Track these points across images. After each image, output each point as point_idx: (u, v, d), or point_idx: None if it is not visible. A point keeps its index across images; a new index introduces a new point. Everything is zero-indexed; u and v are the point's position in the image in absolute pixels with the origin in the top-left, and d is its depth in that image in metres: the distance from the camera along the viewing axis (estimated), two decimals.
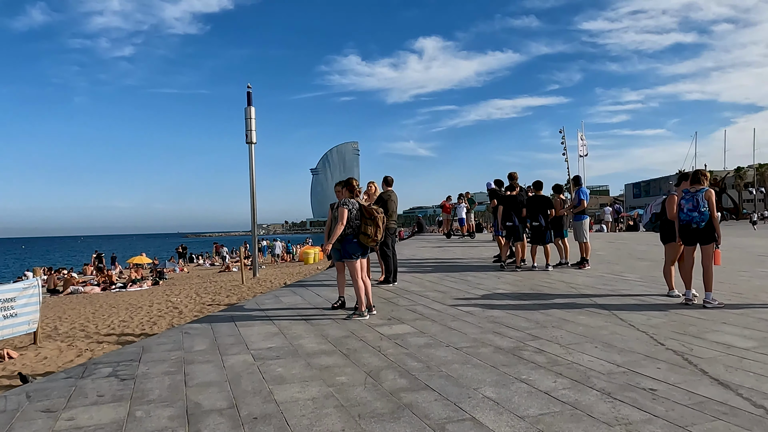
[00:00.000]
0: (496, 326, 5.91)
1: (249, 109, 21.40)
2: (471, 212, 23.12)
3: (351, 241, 6.51)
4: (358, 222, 6.53)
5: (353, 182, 6.75)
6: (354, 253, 6.52)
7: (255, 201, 21.93)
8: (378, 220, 6.45)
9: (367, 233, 6.45)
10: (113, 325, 11.17)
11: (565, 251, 11.34)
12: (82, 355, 8.46)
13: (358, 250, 6.54)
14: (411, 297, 8.00)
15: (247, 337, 5.68)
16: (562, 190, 11.55)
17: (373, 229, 6.44)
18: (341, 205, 6.56)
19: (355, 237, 6.51)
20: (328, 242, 6.68)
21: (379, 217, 6.47)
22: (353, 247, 6.51)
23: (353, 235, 6.51)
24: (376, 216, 6.45)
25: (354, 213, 6.53)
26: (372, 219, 6.45)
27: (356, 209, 6.57)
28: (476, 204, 24.64)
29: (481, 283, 9.24)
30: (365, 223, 6.48)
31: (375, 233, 6.45)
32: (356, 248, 6.53)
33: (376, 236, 6.46)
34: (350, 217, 6.51)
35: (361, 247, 6.54)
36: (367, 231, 6.45)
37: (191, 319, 11.33)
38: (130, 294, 18.83)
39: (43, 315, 13.65)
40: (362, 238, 6.47)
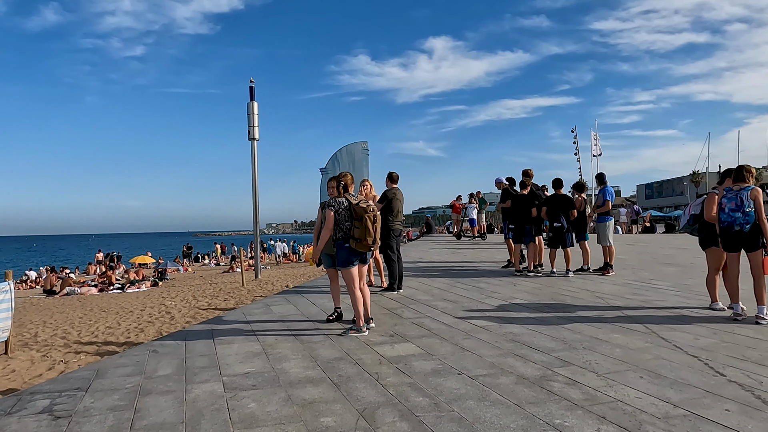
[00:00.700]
0: (517, 346, 5.02)
1: (252, 105, 20.55)
2: (482, 212, 22.20)
3: (343, 247, 5.63)
4: (349, 224, 5.65)
5: (344, 177, 5.86)
6: (349, 260, 5.65)
7: (257, 200, 21.10)
8: (366, 220, 5.53)
9: (356, 236, 5.53)
10: (97, 332, 10.38)
11: (587, 255, 10.41)
12: (53, 369, 7.65)
13: (353, 255, 5.66)
14: (417, 307, 7.12)
15: (222, 358, 4.83)
16: (584, 188, 10.61)
17: (361, 232, 5.52)
18: (327, 206, 5.70)
19: (347, 241, 5.63)
20: (316, 249, 5.83)
21: (368, 217, 5.55)
22: (347, 252, 5.63)
23: (344, 240, 5.64)
24: (364, 216, 5.54)
25: (343, 214, 5.66)
26: (360, 220, 5.55)
27: (345, 209, 5.69)
28: (487, 204, 23.72)
29: (495, 291, 8.34)
30: (354, 226, 5.57)
31: (364, 236, 5.52)
32: (350, 254, 5.65)
33: (366, 240, 5.54)
34: (339, 220, 5.64)
35: (355, 252, 5.67)
36: (355, 234, 5.53)
37: (182, 326, 10.53)
38: (126, 296, 18.09)
39: (27, 319, 12.93)
40: (352, 242, 5.58)
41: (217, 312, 12.10)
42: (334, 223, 5.60)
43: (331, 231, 5.62)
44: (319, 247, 5.80)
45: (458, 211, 23.26)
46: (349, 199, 5.68)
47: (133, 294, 18.72)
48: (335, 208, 5.64)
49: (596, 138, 53.08)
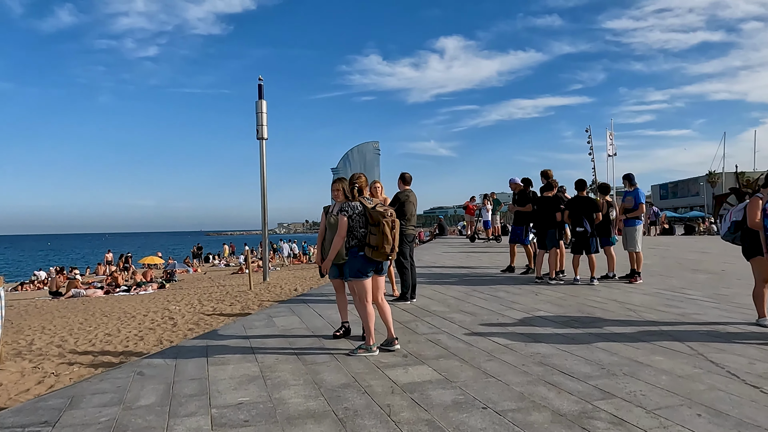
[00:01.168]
0: (547, 371, 4.42)
1: (260, 103, 20.08)
2: (497, 214, 21.55)
3: (357, 256, 5.06)
4: (364, 230, 5.09)
5: (357, 179, 5.30)
6: (363, 270, 5.07)
7: (266, 200, 20.62)
8: (384, 226, 4.95)
9: (372, 244, 4.96)
10: (95, 339, 9.91)
11: (612, 262, 9.76)
12: (42, 382, 7.17)
13: (368, 265, 5.07)
14: (432, 320, 6.53)
15: (214, 383, 4.28)
16: (609, 190, 9.96)
17: (377, 239, 4.95)
18: (339, 211, 5.13)
19: (361, 249, 5.06)
20: (327, 260, 5.27)
21: (386, 222, 4.97)
22: (360, 262, 5.05)
23: (359, 248, 5.07)
24: (382, 221, 4.98)
25: (357, 219, 5.10)
26: (377, 225, 4.98)
27: (359, 214, 5.12)
28: (502, 205, 23.06)
29: (516, 301, 7.73)
30: (370, 232, 5.00)
31: (382, 243, 4.95)
32: (365, 264, 5.06)
33: (383, 247, 4.96)
34: (353, 226, 5.08)
35: (371, 261, 5.08)
36: (371, 241, 4.96)
37: (184, 333, 10.03)
38: (131, 299, 17.68)
39: (27, 324, 12.51)
40: (367, 251, 5.00)
41: (221, 318, 11.61)
42: (348, 229, 5.04)
43: (343, 238, 5.06)
44: (330, 257, 5.24)
45: (472, 213, 22.63)
46: (364, 203, 5.11)
47: (139, 297, 18.31)
48: (349, 213, 5.07)
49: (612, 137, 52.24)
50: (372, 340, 5.06)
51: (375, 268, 5.13)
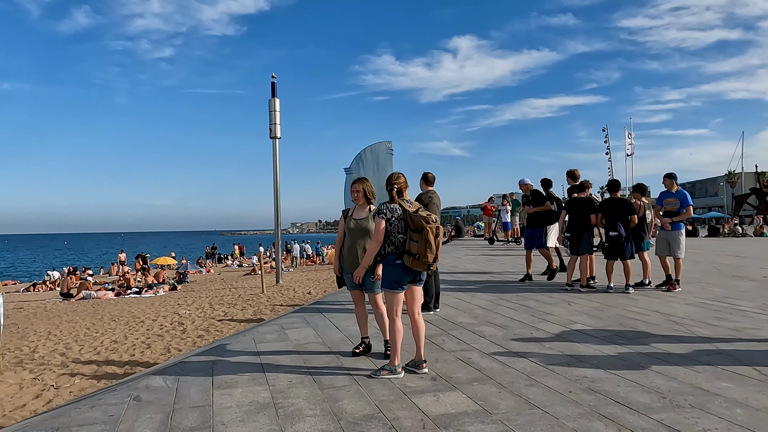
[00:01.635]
0: (600, 401, 3.83)
1: (273, 101, 19.65)
2: (516, 215, 20.88)
3: (393, 264, 4.49)
4: (403, 236, 4.53)
5: (397, 180, 4.72)
6: (400, 281, 4.50)
7: (279, 200, 20.19)
8: (427, 233, 4.37)
9: (412, 252, 4.39)
10: (101, 347, 9.48)
11: (647, 268, 9.11)
12: (41, 396, 6.73)
13: (405, 275, 4.50)
14: (460, 335, 5.96)
15: (218, 413, 3.75)
16: (645, 191, 9.29)
17: (420, 247, 4.36)
18: (377, 214, 4.57)
19: (399, 257, 4.50)
20: (360, 267, 4.70)
21: (430, 229, 4.39)
22: (398, 271, 4.48)
23: (396, 255, 4.51)
24: (425, 227, 4.41)
25: (396, 224, 4.54)
26: (419, 232, 4.41)
27: (398, 217, 4.57)
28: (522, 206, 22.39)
29: (548, 312, 7.13)
30: (411, 238, 4.43)
31: (424, 251, 4.37)
32: (403, 273, 4.49)
33: (426, 256, 4.38)
34: (391, 231, 4.52)
35: (408, 271, 4.51)
36: (412, 249, 4.39)
37: (193, 341, 9.57)
38: (141, 301, 17.30)
39: (33, 329, 12.14)
40: (406, 259, 4.42)
41: (232, 324, 11.14)
42: (384, 234, 4.49)
43: (380, 244, 4.49)
44: (364, 264, 4.67)
45: (490, 214, 21.98)
46: (404, 207, 4.56)
47: (149, 299, 17.94)
48: (387, 216, 4.50)
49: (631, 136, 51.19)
50: (398, 359, 4.51)
51: (412, 278, 4.58)
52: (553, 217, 10.23)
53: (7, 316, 15.28)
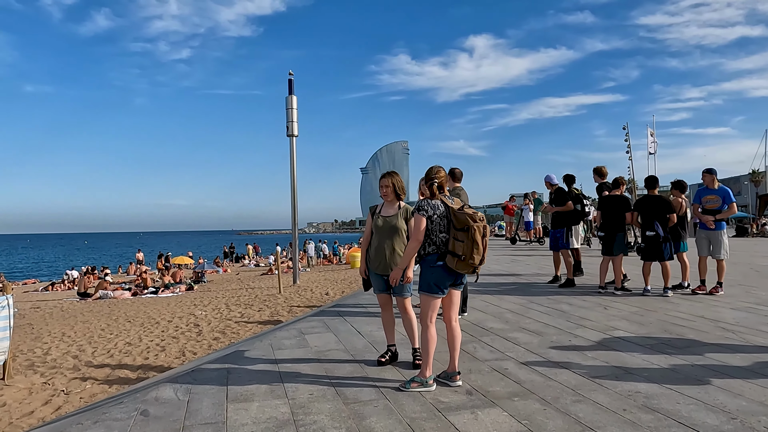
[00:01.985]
0: (660, 421, 3.39)
1: (290, 99, 19.34)
2: (538, 214, 20.35)
3: (434, 265, 4.07)
4: (445, 235, 4.11)
5: (437, 174, 4.30)
6: (440, 284, 4.06)
7: (296, 198, 19.88)
8: (474, 232, 3.95)
9: (457, 252, 3.96)
10: (114, 350, 9.20)
11: (686, 270, 8.58)
12: (50, 402, 6.43)
13: (446, 278, 4.07)
14: (492, 342, 5.53)
15: (234, 430, 3.38)
16: (685, 188, 8.75)
17: (466, 247, 3.93)
18: (417, 210, 4.14)
19: (441, 258, 4.09)
20: (397, 268, 4.26)
21: (477, 228, 3.97)
22: (438, 274, 4.06)
23: (438, 256, 4.10)
24: (472, 225, 3.98)
25: (437, 222, 4.13)
26: (465, 231, 3.99)
27: (441, 215, 4.16)
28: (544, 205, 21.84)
29: (584, 316, 6.66)
30: (455, 238, 4.01)
31: (471, 253, 3.94)
32: (444, 275, 4.06)
33: (473, 257, 3.95)
34: (432, 229, 4.11)
35: (450, 273, 4.09)
36: (457, 249, 3.97)
37: (209, 344, 9.25)
38: (158, 302, 17.09)
39: (47, 330, 11.93)
40: (449, 260, 4.00)
41: (249, 326, 10.82)
42: (424, 232, 4.06)
43: (419, 243, 4.06)
44: (402, 265, 4.23)
45: (511, 213, 21.46)
46: (446, 203, 4.15)
47: (166, 299, 17.73)
48: (428, 214, 4.07)
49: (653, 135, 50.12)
50: (429, 370, 4.09)
51: (453, 281, 4.16)
52: (576, 217, 9.64)
53: (23, 316, 15.17)
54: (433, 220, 4.06)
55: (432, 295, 4.06)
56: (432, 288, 4.05)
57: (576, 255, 10.15)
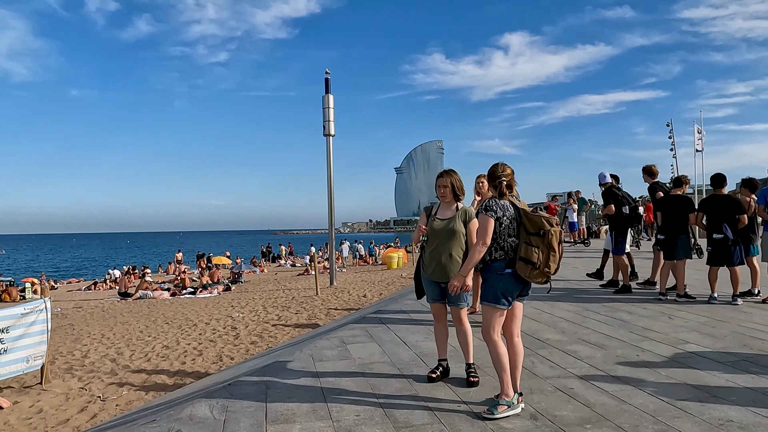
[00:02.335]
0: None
1: (327, 98, 19.11)
2: (582, 215, 19.59)
3: (503, 273, 3.64)
4: (514, 239, 3.68)
5: (503, 171, 3.81)
6: (508, 294, 3.64)
7: (333, 198, 19.66)
8: (551, 237, 3.53)
9: (531, 260, 3.54)
10: (152, 353, 9.07)
11: (756, 276, 7.90)
12: (86, 410, 6.27)
13: (513, 288, 3.66)
14: (551, 355, 5.06)
15: None
16: (756, 187, 8.07)
17: (542, 254, 3.53)
18: (483, 210, 3.70)
19: (510, 266, 3.67)
20: (458, 274, 3.82)
21: (554, 232, 3.56)
22: (507, 282, 3.63)
23: (506, 263, 3.67)
24: (549, 230, 3.55)
25: (507, 224, 3.69)
26: (540, 235, 3.56)
27: (511, 217, 3.72)
28: (589, 205, 21.06)
29: (648, 327, 6.12)
30: (528, 243, 3.59)
31: (547, 260, 3.53)
32: (512, 285, 3.64)
33: (549, 266, 3.55)
34: (499, 232, 3.67)
35: (519, 282, 3.67)
36: (531, 256, 3.54)
37: (246, 348, 9.02)
38: (195, 302, 17.09)
39: (87, 331, 11.94)
40: (521, 268, 3.59)
41: (286, 330, 10.57)
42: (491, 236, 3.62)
43: (486, 247, 3.62)
44: (465, 271, 3.77)
45: (554, 213, 20.71)
46: (515, 204, 3.74)
47: (204, 300, 17.73)
48: (498, 215, 3.64)
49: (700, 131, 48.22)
50: (511, 389, 3.62)
51: (521, 291, 3.74)
52: (630, 220, 8.93)
53: (65, 316, 15.35)
54: (501, 223, 3.64)
55: (498, 307, 3.63)
56: (499, 299, 3.62)
57: (630, 259, 9.53)
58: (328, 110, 19.04)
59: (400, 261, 28.46)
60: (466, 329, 4.22)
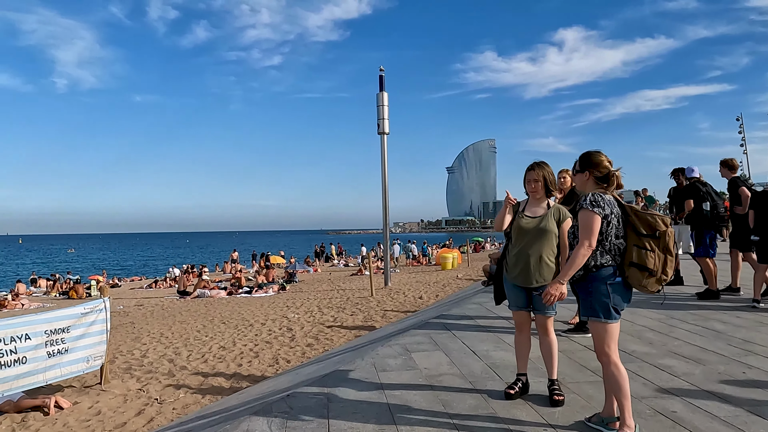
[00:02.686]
0: None
1: (381, 95, 18.79)
2: None
3: (613, 282, 3.15)
4: (622, 242, 3.18)
5: (599, 160, 3.31)
6: (619, 305, 3.14)
7: (387, 197, 19.33)
8: (668, 239, 3.04)
9: (647, 265, 3.04)
10: (209, 354, 8.96)
11: None
12: (143, 413, 6.14)
13: (624, 298, 3.17)
14: (641, 370, 4.50)
15: None
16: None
17: (658, 259, 3.03)
18: (590, 205, 3.16)
19: (620, 273, 3.16)
20: (556, 281, 3.22)
21: (669, 233, 3.06)
22: (617, 292, 3.14)
23: (615, 268, 3.17)
24: (663, 231, 3.05)
25: (613, 224, 3.20)
26: (655, 237, 3.06)
27: (618, 215, 3.24)
28: (657, 203, 19.89)
29: (748, 339, 5.42)
30: (640, 246, 3.09)
31: (664, 266, 3.04)
32: (621, 295, 3.15)
33: (665, 272, 3.05)
34: (606, 233, 3.16)
35: (628, 292, 3.19)
36: (646, 261, 3.04)
37: (302, 351, 8.79)
38: (251, 302, 17.13)
39: (147, 330, 12.05)
40: (634, 275, 3.10)
41: (342, 332, 10.29)
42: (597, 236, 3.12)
43: (592, 249, 3.10)
44: (563, 277, 3.14)
45: None
46: (619, 200, 3.28)
47: (259, 299, 17.76)
48: (605, 212, 3.13)
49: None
50: (631, 419, 3.10)
51: (629, 302, 3.25)
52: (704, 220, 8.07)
53: (127, 314, 15.66)
54: (609, 222, 3.15)
55: (609, 322, 3.14)
56: (608, 311, 3.13)
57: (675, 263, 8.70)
58: (382, 108, 18.72)
59: (454, 262, 27.84)
60: (551, 340, 3.75)
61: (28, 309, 19.52)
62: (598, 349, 3.17)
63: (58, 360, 6.39)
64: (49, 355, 6.28)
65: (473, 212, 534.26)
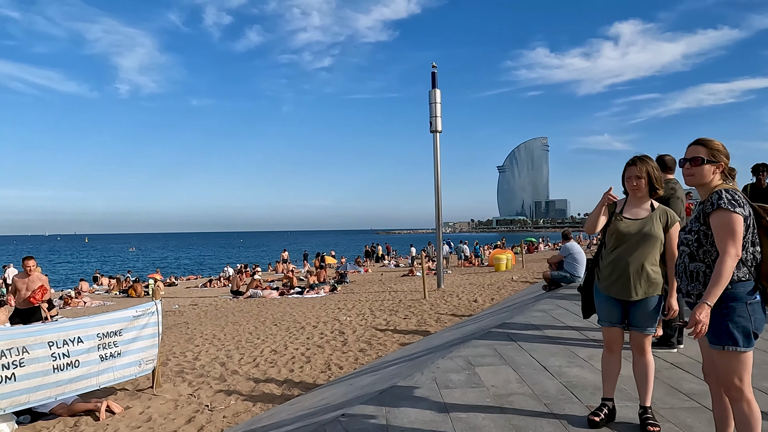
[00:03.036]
0: None
1: (434, 92, 18.34)
2: None
3: (751, 299, 2.60)
4: (758, 250, 2.64)
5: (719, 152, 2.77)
6: (757, 332, 2.60)
7: (440, 196, 18.87)
8: None
9: None
10: (260, 358, 8.78)
11: None
12: (193, 420, 5.95)
13: (764, 319, 2.63)
14: None
15: None
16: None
17: None
18: (725, 205, 2.58)
19: (758, 288, 2.62)
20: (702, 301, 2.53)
21: None
22: (757, 314, 2.60)
23: (753, 281, 2.62)
24: None
25: (751, 228, 2.64)
26: None
27: (751, 216, 2.67)
28: None
29: None
30: None
31: None
32: (762, 317, 2.61)
33: None
34: (744, 239, 2.60)
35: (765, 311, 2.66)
36: None
37: (355, 357, 8.49)
38: (303, 303, 17.03)
39: (200, 331, 12.05)
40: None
41: (396, 337, 9.93)
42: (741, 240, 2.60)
43: (738, 259, 2.55)
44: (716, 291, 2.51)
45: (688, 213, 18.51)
46: (749, 202, 2.76)
47: (311, 300, 17.65)
48: (743, 213, 2.60)
49: None
50: None
51: None
52: None
53: (181, 314, 15.84)
54: (748, 224, 2.63)
55: (747, 350, 2.60)
56: (751, 339, 2.59)
57: None
58: (435, 105, 18.27)
59: (508, 263, 27.03)
60: (648, 362, 3.25)
61: (90, 307, 20.15)
62: (726, 382, 2.64)
63: (111, 363, 6.30)
64: (101, 358, 6.19)
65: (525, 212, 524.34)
